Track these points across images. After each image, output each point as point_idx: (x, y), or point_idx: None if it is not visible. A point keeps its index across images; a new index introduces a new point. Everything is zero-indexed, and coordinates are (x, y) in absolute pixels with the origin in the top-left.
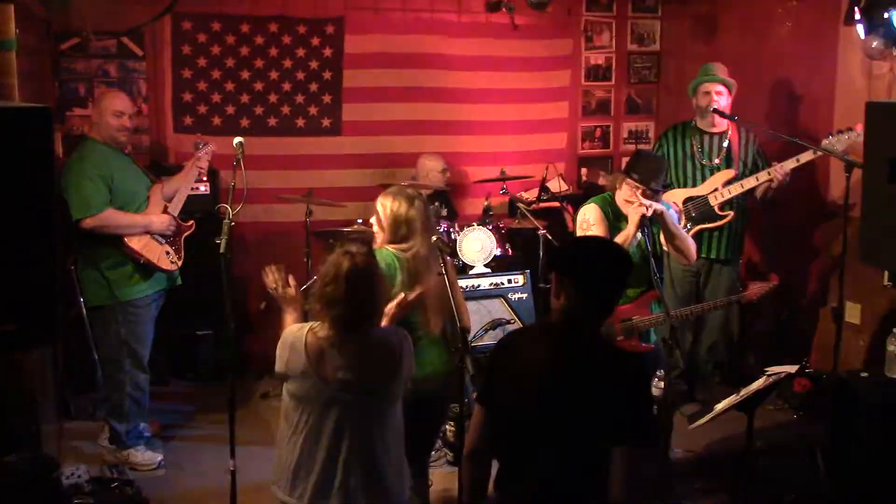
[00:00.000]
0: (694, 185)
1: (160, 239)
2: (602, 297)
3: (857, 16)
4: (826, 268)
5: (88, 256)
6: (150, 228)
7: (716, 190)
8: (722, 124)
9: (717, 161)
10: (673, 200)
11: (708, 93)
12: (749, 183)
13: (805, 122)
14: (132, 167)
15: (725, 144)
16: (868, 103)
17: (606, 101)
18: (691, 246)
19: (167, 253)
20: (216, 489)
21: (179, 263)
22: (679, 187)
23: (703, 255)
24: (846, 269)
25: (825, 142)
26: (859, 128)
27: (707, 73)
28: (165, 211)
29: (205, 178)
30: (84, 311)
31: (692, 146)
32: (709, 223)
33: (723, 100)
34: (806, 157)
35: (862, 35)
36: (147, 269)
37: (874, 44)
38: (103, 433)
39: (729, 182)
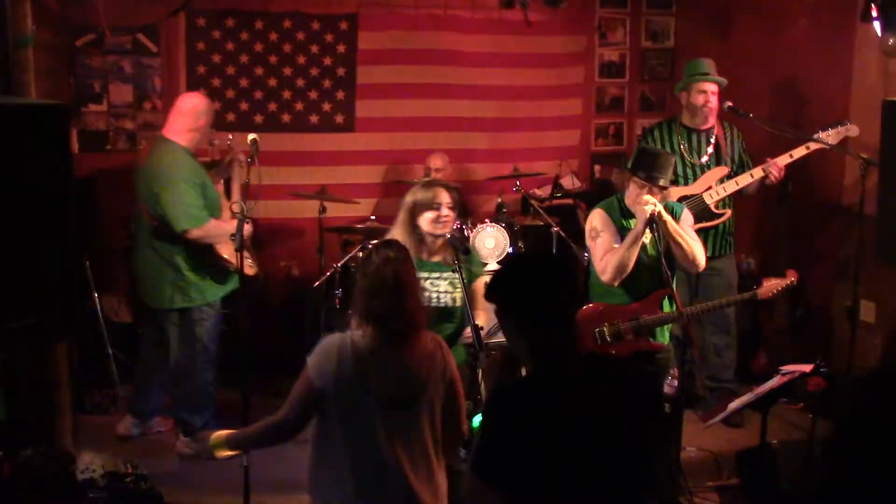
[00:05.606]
0: (686, 184)
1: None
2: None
3: (875, 13)
4: (840, 266)
5: (165, 258)
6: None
7: (710, 188)
8: (709, 121)
9: (705, 159)
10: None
11: (704, 92)
12: (744, 180)
13: (819, 120)
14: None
15: (713, 141)
16: (885, 101)
17: (620, 98)
18: (698, 253)
19: (246, 258)
20: (230, 484)
21: (256, 268)
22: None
23: None
24: (861, 267)
25: (816, 136)
26: (851, 123)
27: (700, 70)
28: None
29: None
30: (97, 305)
31: (679, 144)
32: (706, 222)
33: (714, 99)
34: (799, 152)
35: (879, 32)
36: (226, 271)
37: (891, 41)
38: (178, 435)
39: (722, 180)
